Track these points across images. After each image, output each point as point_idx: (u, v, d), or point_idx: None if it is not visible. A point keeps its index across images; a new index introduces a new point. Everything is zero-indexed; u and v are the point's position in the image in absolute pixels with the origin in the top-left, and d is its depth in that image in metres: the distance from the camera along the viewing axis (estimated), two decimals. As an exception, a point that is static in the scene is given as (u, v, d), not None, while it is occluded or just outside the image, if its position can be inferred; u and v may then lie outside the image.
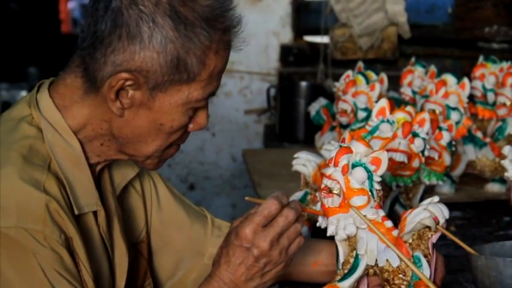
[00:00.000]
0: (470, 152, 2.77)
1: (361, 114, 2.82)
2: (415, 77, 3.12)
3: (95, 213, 1.60)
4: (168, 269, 1.85)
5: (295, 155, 2.18)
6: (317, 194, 1.75)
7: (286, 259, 1.55)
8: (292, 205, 1.56)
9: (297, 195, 2.20)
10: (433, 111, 2.68)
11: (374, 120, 2.20)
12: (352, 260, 1.68)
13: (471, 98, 2.94)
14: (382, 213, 1.69)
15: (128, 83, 1.53)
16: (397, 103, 2.97)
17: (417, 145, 2.18)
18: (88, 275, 1.52)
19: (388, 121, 2.18)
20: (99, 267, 1.59)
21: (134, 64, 1.52)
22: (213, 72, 1.57)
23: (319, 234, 1.90)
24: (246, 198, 1.60)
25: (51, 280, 1.45)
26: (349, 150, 1.68)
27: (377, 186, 1.69)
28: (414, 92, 3.09)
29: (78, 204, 1.56)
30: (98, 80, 1.54)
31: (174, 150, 1.66)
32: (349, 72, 2.99)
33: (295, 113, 3.72)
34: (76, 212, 1.55)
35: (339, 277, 1.68)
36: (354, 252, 1.68)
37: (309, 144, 3.33)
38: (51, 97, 1.59)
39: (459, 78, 2.78)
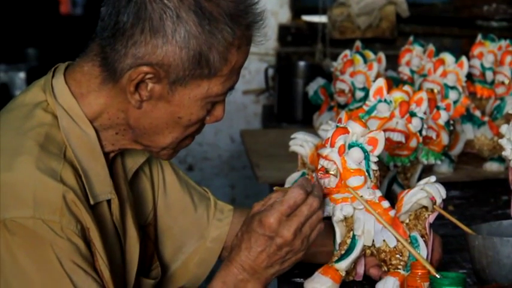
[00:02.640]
0: (468, 131, 2.76)
1: (359, 94, 2.81)
2: (413, 56, 3.10)
3: (108, 201, 1.60)
4: (171, 252, 1.85)
5: (292, 136, 2.18)
6: (314, 174, 1.75)
7: (306, 246, 1.56)
8: (315, 192, 1.56)
9: (294, 176, 2.20)
10: (431, 90, 2.68)
11: (371, 100, 2.19)
12: (349, 241, 1.68)
13: (469, 76, 2.93)
14: (379, 193, 1.68)
15: (148, 76, 1.52)
16: (395, 82, 2.97)
17: (415, 124, 2.17)
18: (104, 265, 1.52)
19: (385, 101, 2.18)
20: (112, 255, 1.59)
21: (156, 58, 1.51)
22: (234, 68, 1.57)
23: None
24: (275, 188, 1.59)
25: (67, 271, 1.45)
26: (345, 131, 1.68)
27: (374, 167, 1.68)
28: (412, 71, 3.08)
29: (93, 193, 1.55)
30: (117, 71, 1.53)
31: (189, 141, 1.65)
32: (347, 52, 2.98)
33: (293, 93, 3.71)
34: (92, 202, 1.55)
35: (335, 258, 1.68)
36: (351, 233, 1.68)
37: (307, 124, 3.32)
38: (66, 83, 1.58)
39: (458, 57, 2.77)
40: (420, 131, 2.18)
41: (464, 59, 2.75)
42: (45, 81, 1.60)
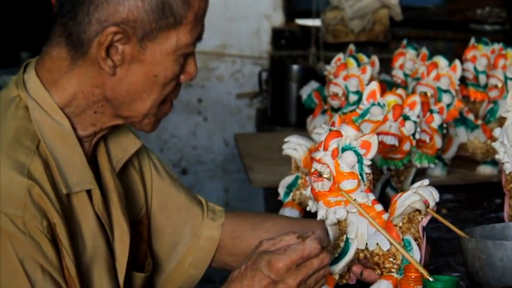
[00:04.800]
0: (462, 135, 2.76)
1: (353, 98, 2.81)
2: (407, 59, 3.11)
3: (89, 191, 1.58)
4: (166, 251, 1.85)
5: (286, 139, 2.18)
6: (307, 178, 1.75)
7: None
8: (329, 247, 1.53)
9: (288, 179, 2.20)
10: (425, 93, 2.68)
11: (365, 104, 2.20)
12: (342, 244, 1.68)
13: (463, 80, 2.93)
14: (372, 197, 1.68)
15: (117, 37, 1.51)
16: (388, 86, 2.97)
17: (408, 128, 2.17)
18: (71, 262, 1.50)
19: (378, 104, 2.18)
20: (94, 246, 1.57)
21: (120, 16, 1.50)
22: (198, 14, 1.56)
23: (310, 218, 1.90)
24: (296, 236, 1.52)
25: (25, 267, 1.43)
26: (338, 134, 1.68)
27: (367, 170, 1.68)
28: (406, 75, 3.09)
29: (67, 183, 1.53)
30: (84, 42, 1.52)
31: (168, 107, 1.63)
32: (340, 55, 2.98)
33: (287, 96, 3.72)
34: (65, 191, 1.53)
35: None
36: (344, 236, 1.68)
37: (301, 127, 3.32)
38: (38, 75, 1.57)
39: (451, 61, 2.77)
40: (413, 135, 2.19)
41: (457, 62, 2.76)
42: (17, 77, 1.60)
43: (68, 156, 1.55)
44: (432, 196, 1.64)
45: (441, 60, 2.77)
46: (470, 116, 2.80)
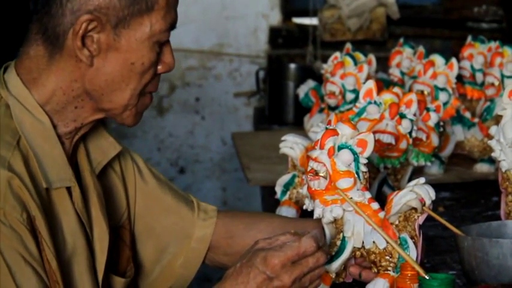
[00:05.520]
0: (458, 133, 2.76)
1: (350, 96, 2.81)
2: (404, 57, 3.11)
3: (69, 189, 1.59)
4: (153, 253, 1.84)
5: (283, 138, 2.18)
6: (304, 176, 1.75)
7: None
8: (325, 248, 1.54)
9: (285, 178, 2.20)
10: (421, 92, 2.68)
11: (361, 102, 2.20)
12: (338, 243, 1.68)
13: (459, 78, 2.93)
14: (368, 195, 1.69)
15: (91, 26, 1.52)
16: (385, 84, 2.97)
17: (404, 126, 2.17)
18: (52, 255, 1.50)
19: (375, 102, 2.18)
20: (73, 243, 1.57)
21: (92, 4, 1.52)
22: (169, 0, 1.58)
23: (307, 217, 1.90)
24: (292, 231, 1.53)
25: (6, 258, 1.43)
26: (335, 133, 1.68)
27: (363, 168, 1.68)
28: (403, 73, 3.09)
29: (47, 178, 1.54)
30: (60, 35, 1.54)
31: (148, 99, 1.64)
32: (337, 54, 2.98)
33: (284, 95, 3.71)
34: (44, 186, 1.53)
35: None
36: (341, 234, 1.68)
37: (298, 126, 3.32)
38: (18, 74, 1.58)
39: (448, 59, 2.77)
40: (410, 133, 2.19)
41: (454, 60, 2.76)
42: None
43: (48, 153, 1.56)
44: (428, 194, 1.64)
45: (438, 59, 2.77)
46: (467, 114, 2.80)
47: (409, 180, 2.27)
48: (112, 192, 1.77)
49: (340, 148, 1.67)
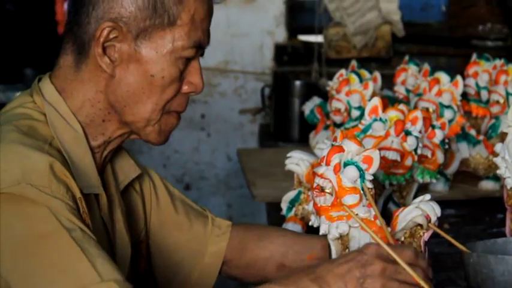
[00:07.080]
0: (464, 150, 2.77)
1: (355, 113, 2.82)
2: (409, 75, 3.12)
3: (96, 197, 1.59)
4: (170, 268, 1.85)
5: (288, 154, 2.18)
6: (310, 192, 1.76)
7: None
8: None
9: (290, 194, 2.21)
10: (427, 109, 2.69)
11: (367, 119, 2.20)
12: (344, 259, 1.68)
13: (465, 95, 2.94)
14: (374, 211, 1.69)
15: (113, 34, 1.54)
16: (391, 101, 2.98)
17: (410, 143, 2.18)
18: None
19: (380, 119, 2.19)
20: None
21: (114, 13, 1.54)
22: (195, 18, 1.58)
23: (312, 233, 1.91)
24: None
25: (66, 225, 1.41)
26: (340, 149, 1.69)
27: (369, 185, 1.69)
28: (408, 91, 3.10)
29: (80, 182, 1.53)
30: (85, 43, 1.56)
31: (174, 119, 1.64)
32: (343, 71, 2.99)
33: (289, 112, 3.73)
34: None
35: (331, 276, 1.68)
36: (347, 250, 1.68)
37: (304, 143, 3.33)
38: (52, 83, 1.60)
39: (453, 76, 2.78)
40: (415, 150, 2.19)
41: (459, 78, 2.77)
42: (32, 87, 1.62)
43: (80, 159, 1.57)
44: (434, 211, 1.65)
45: (443, 76, 2.77)
46: (472, 132, 2.81)
47: (415, 197, 2.27)
48: (133, 209, 1.78)
49: (346, 164, 1.68)
